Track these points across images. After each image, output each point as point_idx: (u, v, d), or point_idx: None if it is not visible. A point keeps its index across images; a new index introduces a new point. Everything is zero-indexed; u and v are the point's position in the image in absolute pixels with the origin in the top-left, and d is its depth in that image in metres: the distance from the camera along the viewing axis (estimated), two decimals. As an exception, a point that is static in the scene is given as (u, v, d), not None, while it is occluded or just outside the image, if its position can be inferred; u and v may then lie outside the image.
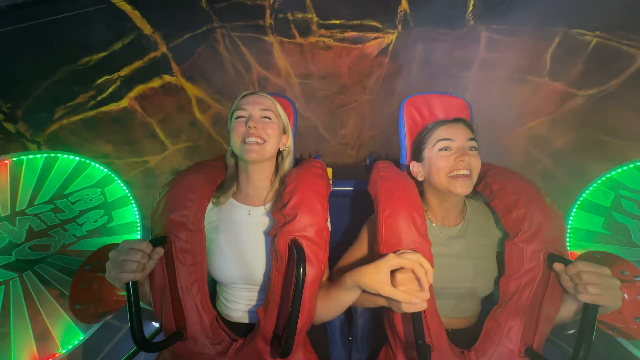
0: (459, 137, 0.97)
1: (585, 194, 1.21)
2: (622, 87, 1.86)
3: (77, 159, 1.22)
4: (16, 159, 1.12)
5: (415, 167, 1.06)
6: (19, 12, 1.69)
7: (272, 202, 1.03)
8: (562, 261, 0.80)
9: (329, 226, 0.99)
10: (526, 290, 0.87)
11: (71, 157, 1.21)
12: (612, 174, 1.18)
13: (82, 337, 1.07)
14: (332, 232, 1.00)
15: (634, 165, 1.15)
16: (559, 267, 0.80)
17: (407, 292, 0.73)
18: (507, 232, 0.96)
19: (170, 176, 1.05)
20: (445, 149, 0.98)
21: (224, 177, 1.09)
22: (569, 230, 1.23)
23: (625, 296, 0.89)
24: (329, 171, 1.19)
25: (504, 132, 2.18)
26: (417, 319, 0.76)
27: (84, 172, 1.23)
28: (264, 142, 0.96)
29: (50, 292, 1.07)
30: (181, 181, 0.99)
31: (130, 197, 1.30)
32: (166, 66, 2.11)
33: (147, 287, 0.90)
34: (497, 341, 0.86)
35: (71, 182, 1.20)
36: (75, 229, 1.18)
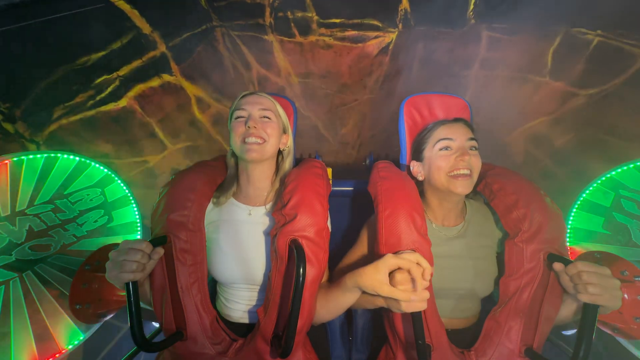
0: (459, 136, 0.97)
1: (585, 194, 1.22)
2: (624, 86, 1.86)
3: (77, 159, 1.23)
4: (16, 159, 1.13)
5: (415, 166, 1.07)
6: (17, 11, 1.69)
7: (273, 202, 1.03)
8: (562, 261, 0.80)
9: (330, 226, 0.99)
10: (526, 290, 0.87)
11: (71, 157, 1.22)
12: (612, 174, 1.18)
13: (82, 337, 1.07)
14: (332, 232, 1.00)
15: (634, 165, 1.16)
16: (558, 267, 0.80)
17: (406, 292, 0.73)
18: (507, 232, 0.96)
19: (170, 176, 1.06)
20: (445, 148, 0.98)
21: (224, 177, 1.09)
22: (569, 230, 1.23)
23: (625, 296, 0.90)
24: (329, 171, 1.19)
25: (504, 131, 2.17)
26: (417, 319, 0.76)
27: (84, 172, 1.24)
28: (264, 141, 0.96)
29: (50, 292, 1.08)
30: (181, 181, 0.99)
31: (130, 197, 1.30)
32: (165, 65, 2.11)
33: (147, 287, 0.90)
34: (497, 341, 0.87)
35: (71, 182, 1.21)
36: (75, 229, 1.19)
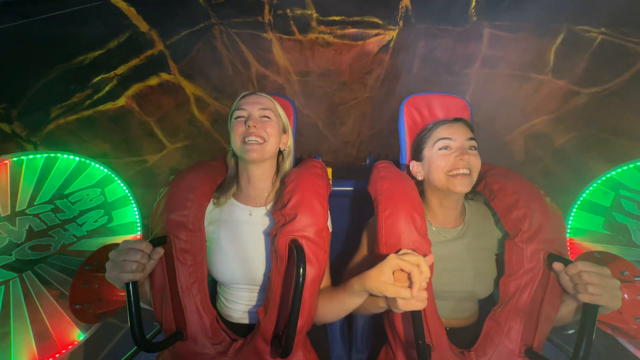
0: (459, 136, 0.98)
1: (585, 194, 1.23)
2: (626, 85, 1.85)
3: (77, 159, 1.23)
4: (16, 159, 1.13)
5: (415, 166, 1.08)
6: (12, 9, 1.69)
7: (274, 202, 1.04)
8: (562, 261, 0.81)
9: (330, 226, 1.00)
10: (526, 290, 0.88)
11: (71, 157, 1.22)
12: (612, 174, 1.19)
13: (82, 337, 1.09)
14: (332, 232, 1.02)
15: (634, 165, 1.17)
16: (558, 267, 0.81)
17: (405, 289, 0.74)
18: (507, 232, 0.97)
19: (169, 175, 1.07)
20: (445, 148, 0.99)
21: (224, 177, 1.10)
22: (568, 230, 1.24)
23: (625, 296, 0.91)
24: (329, 171, 1.20)
25: (505, 130, 2.17)
26: (417, 319, 0.77)
27: (84, 172, 1.24)
28: (264, 141, 0.97)
29: (50, 292, 1.09)
30: (181, 181, 1.00)
31: (130, 197, 1.31)
32: (163, 64, 2.10)
33: (147, 287, 0.91)
34: (497, 341, 0.88)
35: (71, 182, 1.21)
36: (75, 229, 1.20)
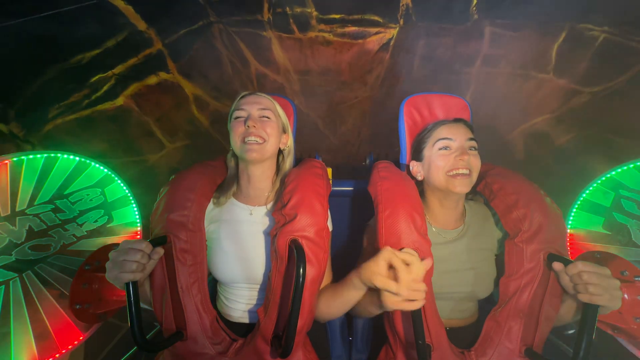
0: (459, 136, 0.99)
1: (585, 194, 1.24)
2: (629, 84, 1.85)
3: (77, 159, 1.24)
4: (16, 159, 1.14)
5: (415, 166, 1.09)
6: (8, 8, 1.68)
7: (274, 202, 1.05)
8: (562, 261, 0.82)
9: (330, 226, 1.01)
10: (526, 290, 0.89)
11: (71, 157, 1.23)
12: (612, 174, 1.20)
13: (82, 337, 1.10)
14: (332, 232, 1.03)
15: (634, 165, 1.17)
16: (558, 266, 0.82)
17: (389, 284, 0.74)
18: (507, 232, 0.98)
19: (168, 175, 1.08)
20: (445, 148, 1.00)
21: (224, 177, 1.11)
22: (569, 226, 1.26)
23: (625, 296, 0.91)
24: (329, 171, 1.21)
25: (506, 129, 2.18)
26: (417, 319, 0.78)
27: (84, 172, 1.25)
28: (263, 141, 0.98)
29: (50, 292, 1.09)
30: (181, 181, 1.01)
31: (130, 197, 1.32)
32: (162, 63, 2.09)
33: (147, 287, 0.92)
34: (497, 341, 0.89)
35: (71, 182, 1.22)
36: (75, 229, 1.20)
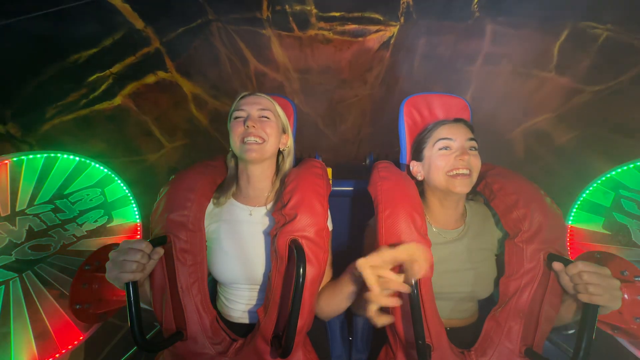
0: (459, 136, 1.00)
1: (585, 194, 1.25)
2: (631, 83, 1.86)
3: (77, 159, 1.25)
4: (16, 159, 1.15)
5: (415, 166, 1.10)
6: (3, 7, 1.68)
7: (274, 202, 1.06)
8: (562, 261, 0.83)
9: (330, 226, 1.02)
10: (526, 290, 0.90)
11: (71, 157, 1.24)
12: (612, 174, 1.21)
13: (82, 337, 1.11)
14: (332, 231, 1.04)
15: (634, 165, 1.18)
16: (558, 266, 0.82)
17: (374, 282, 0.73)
18: (507, 233, 0.99)
19: (167, 175, 1.09)
20: (445, 148, 1.01)
21: (224, 177, 1.12)
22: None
23: (625, 296, 0.92)
24: (329, 171, 1.22)
25: (507, 127, 2.18)
26: (417, 319, 0.79)
27: (84, 172, 1.26)
28: (263, 141, 0.99)
29: (50, 292, 1.11)
30: (181, 181, 1.02)
31: (130, 197, 1.33)
32: (160, 62, 2.10)
33: (147, 287, 0.93)
34: (497, 341, 0.89)
35: (71, 182, 1.23)
36: (75, 229, 1.22)
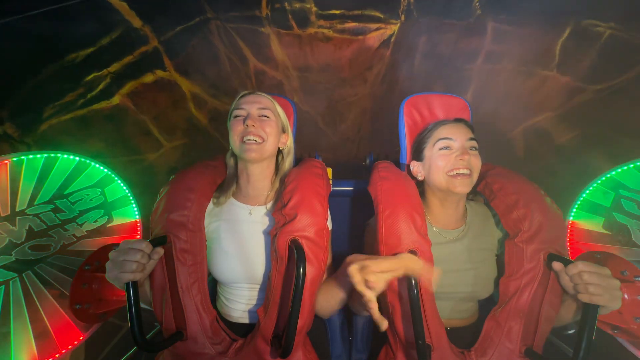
0: (460, 136, 1.01)
1: (585, 194, 1.26)
2: (633, 83, 1.86)
3: (77, 159, 1.27)
4: (16, 159, 1.16)
5: (415, 166, 1.10)
6: None
7: (273, 202, 1.07)
8: (562, 261, 0.84)
9: (330, 226, 1.03)
10: (526, 290, 0.90)
11: (71, 157, 1.26)
12: (612, 174, 1.22)
13: (82, 337, 1.12)
14: (332, 232, 1.05)
15: (634, 165, 1.19)
16: (558, 266, 0.83)
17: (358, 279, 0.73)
18: (507, 233, 1.00)
19: (167, 174, 1.10)
20: (445, 148, 1.02)
21: (224, 177, 1.13)
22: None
23: (625, 296, 0.93)
24: (329, 171, 1.23)
25: (508, 126, 2.18)
26: (417, 319, 0.79)
27: (84, 172, 1.27)
28: (262, 140, 1.00)
29: (50, 292, 1.12)
30: (181, 181, 1.03)
31: (130, 197, 1.34)
32: (158, 61, 2.10)
33: (147, 287, 0.94)
34: (497, 341, 0.90)
35: (71, 182, 1.24)
36: (75, 229, 1.23)
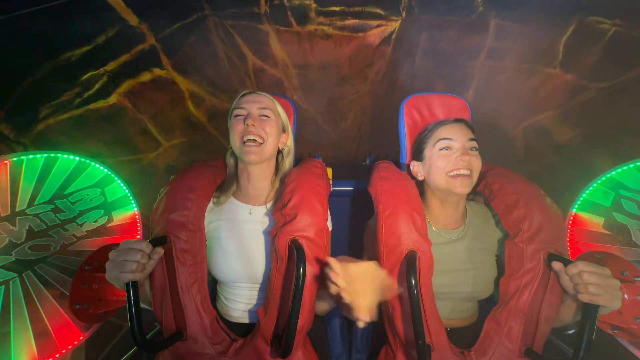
0: (460, 137, 1.02)
1: (585, 194, 1.27)
2: (636, 81, 1.87)
3: (77, 159, 1.28)
4: (16, 159, 1.18)
5: (415, 166, 1.12)
6: None
7: (274, 202, 1.09)
8: (562, 261, 0.85)
9: (330, 226, 1.05)
10: (526, 290, 0.92)
11: (71, 157, 1.27)
12: (612, 174, 1.23)
13: (82, 337, 1.13)
14: (332, 232, 1.06)
15: (634, 165, 1.21)
16: (558, 266, 0.84)
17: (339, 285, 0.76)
18: (507, 233, 1.01)
19: (165, 174, 1.11)
20: (445, 148, 1.03)
21: (224, 177, 1.14)
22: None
23: (625, 296, 0.94)
24: (329, 171, 1.24)
25: (509, 125, 2.19)
26: (417, 319, 0.81)
27: (84, 172, 1.29)
28: (263, 141, 1.01)
29: (50, 292, 1.13)
30: (181, 181, 1.04)
31: (130, 197, 1.36)
32: (155, 59, 2.10)
33: (147, 287, 0.95)
34: (497, 341, 0.92)
35: (71, 182, 1.26)
36: (75, 229, 1.24)
